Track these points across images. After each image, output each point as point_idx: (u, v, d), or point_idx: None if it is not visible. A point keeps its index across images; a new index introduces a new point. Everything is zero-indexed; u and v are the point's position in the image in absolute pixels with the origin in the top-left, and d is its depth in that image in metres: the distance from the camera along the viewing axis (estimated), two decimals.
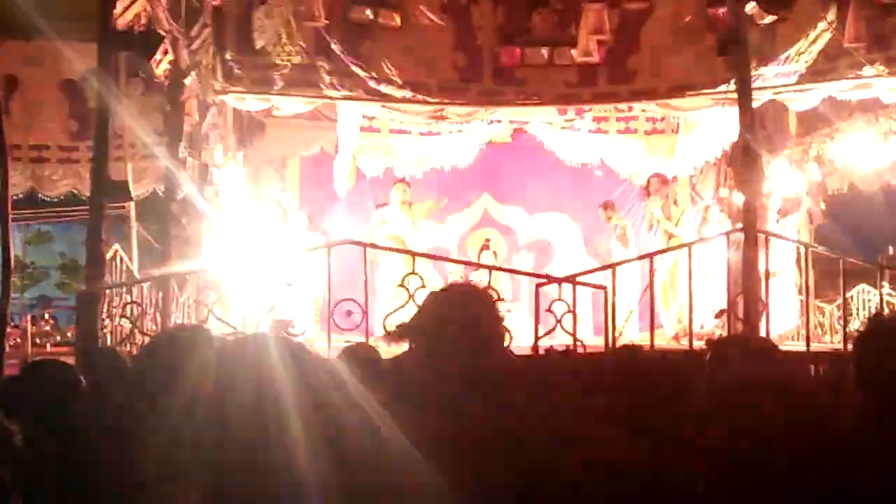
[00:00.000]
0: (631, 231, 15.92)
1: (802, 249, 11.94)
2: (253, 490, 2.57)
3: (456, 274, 16.18)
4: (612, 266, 10.77)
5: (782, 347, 11.26)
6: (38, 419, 4.06)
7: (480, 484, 3.00)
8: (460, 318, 3.28)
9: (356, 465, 2.64)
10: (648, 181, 15.93)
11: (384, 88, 12.11)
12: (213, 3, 11.77)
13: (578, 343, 9.47)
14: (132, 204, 15.29)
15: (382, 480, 2.70)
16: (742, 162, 10.69)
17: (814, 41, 11.77)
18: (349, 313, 10.50)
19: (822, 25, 11.73)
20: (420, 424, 2.96)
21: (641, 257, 13.42)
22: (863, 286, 13.95)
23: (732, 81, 10.91)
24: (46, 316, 18.20)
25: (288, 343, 2.87)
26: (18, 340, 15.07)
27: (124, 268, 12.19)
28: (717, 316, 12.48)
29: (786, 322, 13.32)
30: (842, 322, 12.23)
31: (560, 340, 10.15)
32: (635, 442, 3.39)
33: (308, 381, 2.71)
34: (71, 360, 6.25)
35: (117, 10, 9.64)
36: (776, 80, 12.03)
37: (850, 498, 2.51)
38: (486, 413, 3.17)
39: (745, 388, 2.63)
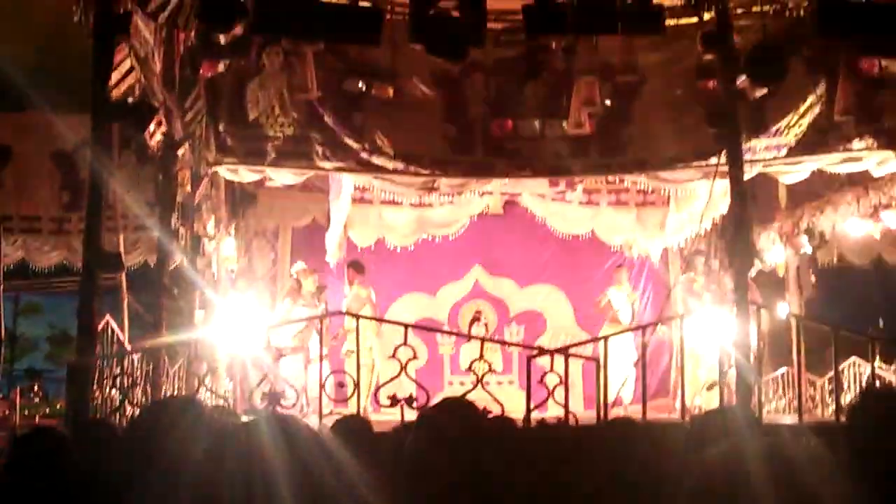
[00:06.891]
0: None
1: (794, 321, 11.89)
2: None
3: (447, 345, 16.15)
4: (605, 338, 10.72)
5: (775, 421, 11.27)
6: (32, 488, 4.02)
7: None
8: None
9: None
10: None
11: (376, 160, 12.14)
12: (207, 75, 11.82)
13: (571, 415, 9.42)
14: (123, 275, 15.23)
15: None
16: (732, 234, 10.71)
17: (803, 114, 11.85)
18: (341, 385, 10.46)
19: (811, 99, 11.82)
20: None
21: (634, 329, 13.43)
22: (854, 359, 13.90)
23: (723, 154, 10.95)
24: (35, 388, 18.08)
25: (279, 420, 2.86)
26: (7, 412, 14.99)
27: (115, 339, 12.10)
28: (709, 389, 12.43)
29: None
30: (833, 396, 12.17)
31: (552, 413, 10.12)
32: None
33: (299, 458, 2.70)
34: None
35: (111, 82, 9.66)
36: (766, 152, 12.08)
37: None
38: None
39: (727, 464, 2.61)
